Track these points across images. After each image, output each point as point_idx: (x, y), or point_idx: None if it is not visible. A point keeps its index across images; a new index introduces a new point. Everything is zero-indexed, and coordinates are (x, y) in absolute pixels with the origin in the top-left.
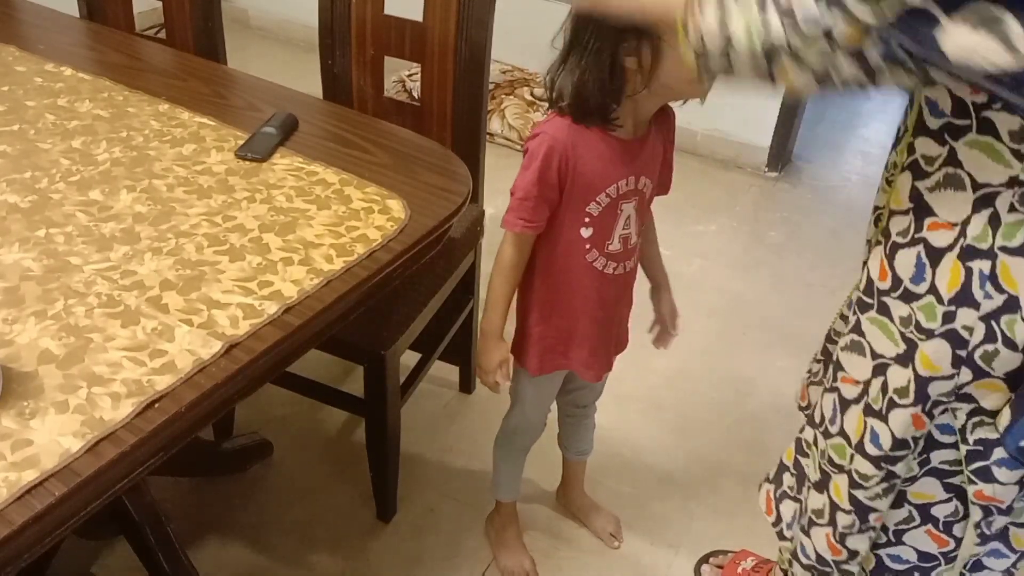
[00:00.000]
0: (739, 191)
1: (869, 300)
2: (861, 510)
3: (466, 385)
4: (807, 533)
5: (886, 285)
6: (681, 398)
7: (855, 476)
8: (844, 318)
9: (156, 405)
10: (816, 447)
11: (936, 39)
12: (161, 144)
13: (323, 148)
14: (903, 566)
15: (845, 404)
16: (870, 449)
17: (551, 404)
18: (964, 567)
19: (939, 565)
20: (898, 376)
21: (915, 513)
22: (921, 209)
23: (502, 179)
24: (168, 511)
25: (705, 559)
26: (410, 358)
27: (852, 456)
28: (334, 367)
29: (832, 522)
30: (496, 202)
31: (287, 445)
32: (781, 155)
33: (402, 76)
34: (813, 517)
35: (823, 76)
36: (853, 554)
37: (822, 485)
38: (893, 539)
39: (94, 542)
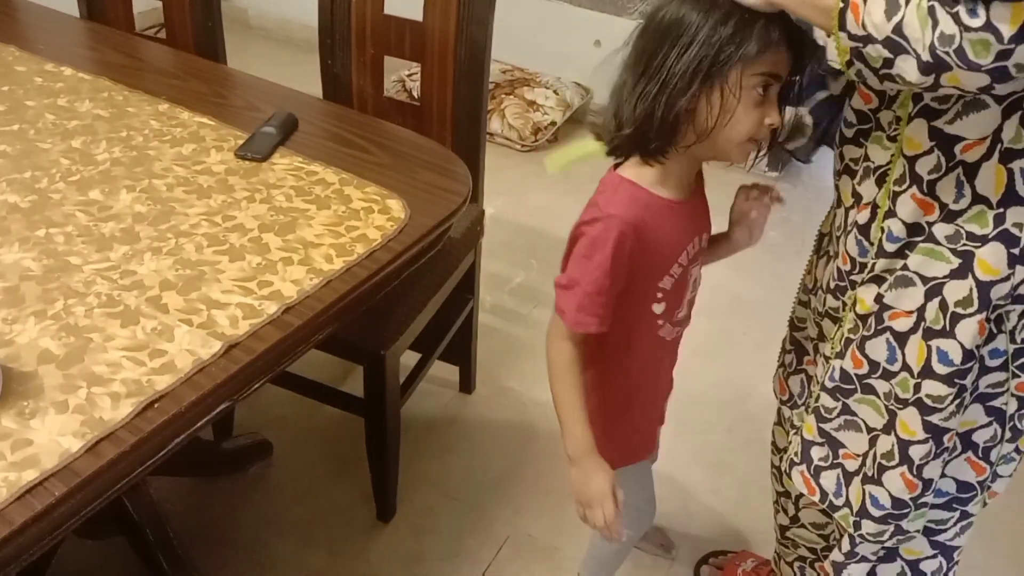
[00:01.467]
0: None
1: (907, 241)
2: (937, 434)
3: (466, 385)
4: (878, 481)
5: (931, 217)
6: (681, 398)
7: (928, 402)
8: (804, 304)
9: (156, 405)
10: (876, 393)
11: None
12: (161, 144)
13: (323, 148)
14: (943, 499)
15: (903, 338)
16: (940, 369)
17: (651, 488)
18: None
19: (976, 495)
20: (958, 289)
21: (958, 442)
22: (949, 140)
23: (502, 179)
24: (168, 511)
25: (705, 559)
26: (410, 358)
27: (917, 385)
28: (334, 367)
29: (905, 459)
30: (496, 202)
31: (287, 445)
32: (781, 155)
33: (402, 76)
34: (883, 462)
35: (998, 71)
36: (927, 484)
37: (889, 427)
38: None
39: (94, 542)
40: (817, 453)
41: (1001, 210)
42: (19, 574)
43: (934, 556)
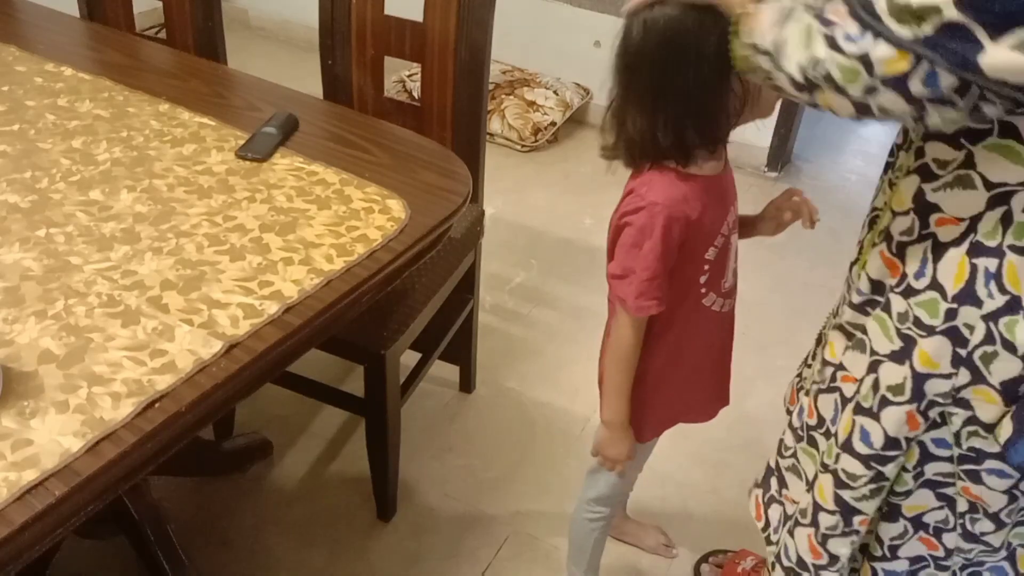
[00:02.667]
0: (739, 191)
1: (870, 298)
2: (846, 511)
3: (466, 385)
4: (791, 534)
5: (892, 281)
6: None
7: (842, 476)
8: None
9: (156, 405)
10: (818, 448)
11: (976, 59)
12: (161, 144)
13: (323, 148)
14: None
15: (845, 403)
16: (859, 448)
17: (637, 473)
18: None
19: (928, 566)
20: (892, 373)
21: (909, 526)
22: (927, 207)
23: (502, 179)
24: (168, 511)
25: (705, 559)
26: (410, 358)
27: (838, 455)
28: (334, 367)
29: (814, 522)
30: (496, 202)
31: (287, 445)
32: (781, 155)
33: (402, 76)
34: (799, 517)
35: (862, 105)
36: (833, 559)
37: (810, 485)
38: (888, 554)
39: (94, 542)
40: (773, 484)
41: (955, 305)
42: (19, 574)
43: None
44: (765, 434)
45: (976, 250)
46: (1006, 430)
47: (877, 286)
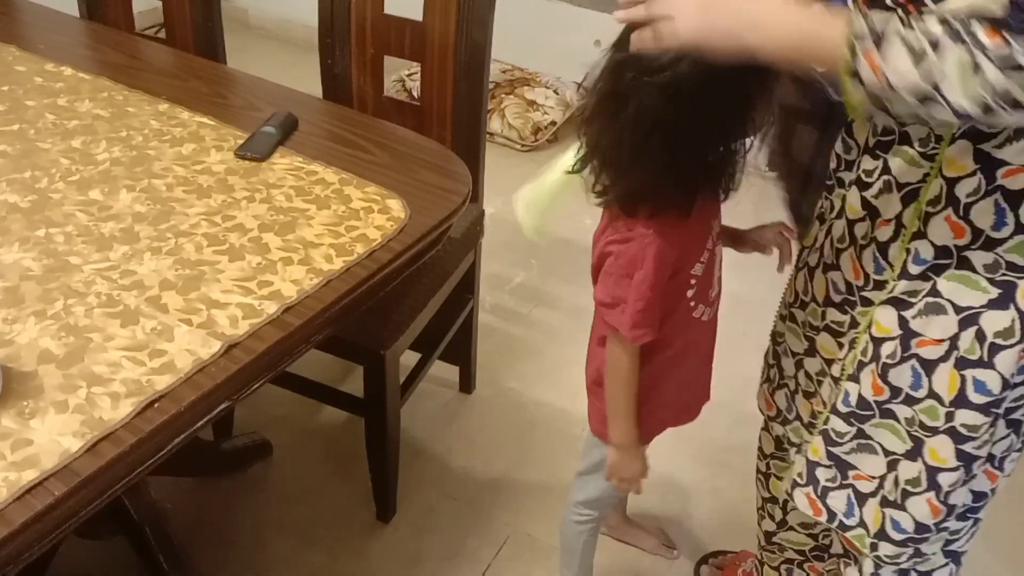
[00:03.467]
0: (739, 191)
1: (933, 264)
2: (968, 462)
3: (466, 385)
4: (901, 507)
5: (961, 241)
6: None
7: (962, 431)
8: (784, 318)
9: (156, 405)
10: (897, 418)
11: None
12: (161, 144)
13: (323, 148)
14: (959, 511)
15: (931, 365)
16: (976, 399)
17: None
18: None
19: (987, 501)
20: (997, 320)
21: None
22: (992, 163)
23: (502, 179)
24: (168, 511)
25: (705, 559)
26: (410, 358)
27: (950, 414)
28: (334, 367)
29: (934, 485)
30: (496, 202)
31: (287, 445)
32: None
33: (402, 76)
34: (908, 488)
35: None
36: (951, 509)
37: (915, 453)
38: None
39: (94, 542)
40: (824, 475)
41: None
42: (19, 574)
43: (945, 565)
44: None
45: None
46: None
47: (942, 251)
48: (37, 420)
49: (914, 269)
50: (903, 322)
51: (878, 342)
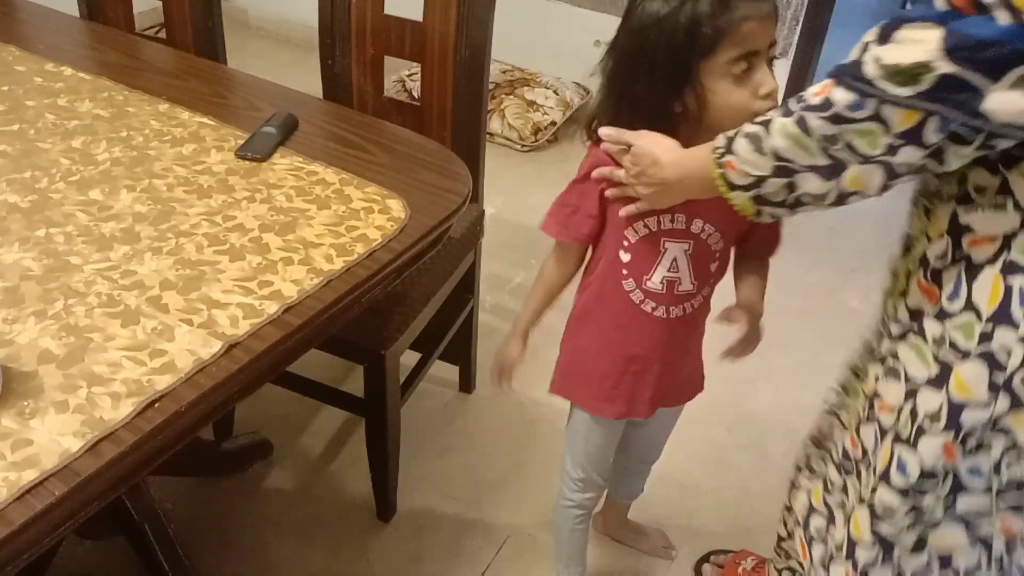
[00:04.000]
0: None
1: (909, 327)
2: (886, 546)
3: (466, 385)
4: (826, 568)
5: (929, 307)
6: None
7: (878, 509)
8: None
9: (156, 405)
10: (862, 481)
11: (979, 106)
12: (161, 144)
13: (323, 148)
14: None
15: (884, 434)
16: (896, 479)
17: (609, 460)
18: None
19: None
20: (929, 400)
21: (935, 563)
22: (960, 229)
23: (502, 179)
24: (168, 511)
25: (705, 558)
26: (410, 358)
27: (875, 488)
28: (334, 367)
29: (851, 556)
30: (496, 202)
31: (287, 445)
32: None
33: (402, 76)
34: (834, 552)
35: (888, 167)
36: None
37: (846, 520)
38: None
39: (94, 542)
40: (815, 522)
41: (990, 327)
42: (19, 574)
43: None
44: (765, 434)
45: (1010, 268)
46: None
47: (915, 315)
48: (37, 420)
49: (894, 329)
50: (875, 380)
51: (866, 397)
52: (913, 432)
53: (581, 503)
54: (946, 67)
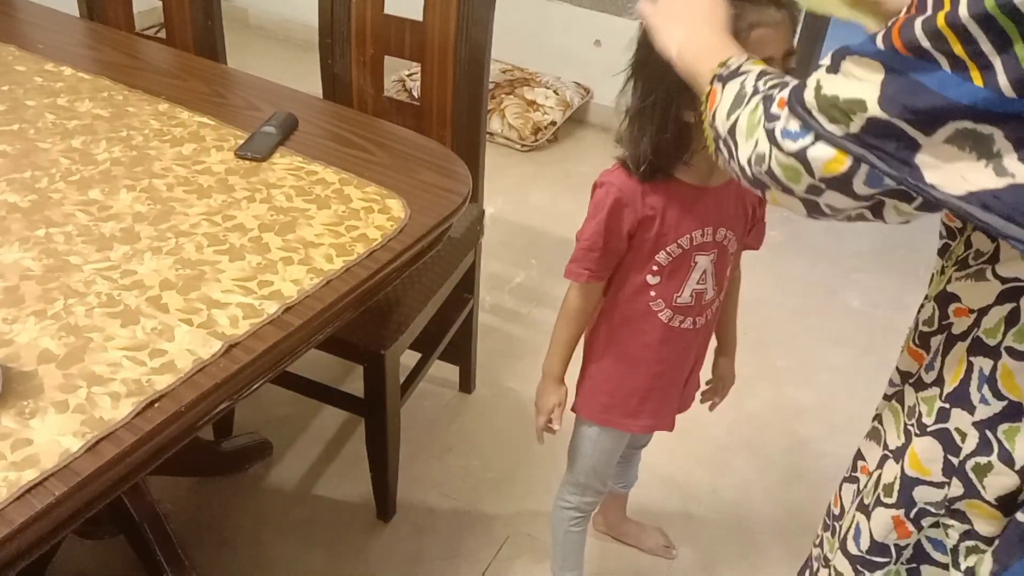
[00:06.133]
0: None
1: (895, 386)
2: None
3: (466, 385)
4: None
5: (912, 371)
6: None
7: (833, 574)
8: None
9: (156, 405)
10: (836, 538)
11: (915, 161)
12: (161, 144)
13: (323, 148)
14: None
15: (855, 496)
16: (850, 547)
17: (613, 467)
18: None
19: None
20: (889, 472)
21: None
22: (947, 297)
23: (502, 179)
24: (168, 511)
25: None
26: (410, 358)
27: (835, 554)
28: (334, 367)
29: None
30: (496, 202)
31: (287, 445)
32: None
33: (402, 76)
34: None
35: (811, 203)
36: None
37: None
38: None
39: (94, 542)
40: None
41: (947, 405)
42: (19, 574)
43: None
44: (765, 434)
45: (975, 347)
46: (986, 567)
47: (904, 377)
48: (37, 420)
49: (888, 391)
50: (866, 439)
51: (858, 454)
52: (872, 502)
53: (579, 506)
54: (878, 112)
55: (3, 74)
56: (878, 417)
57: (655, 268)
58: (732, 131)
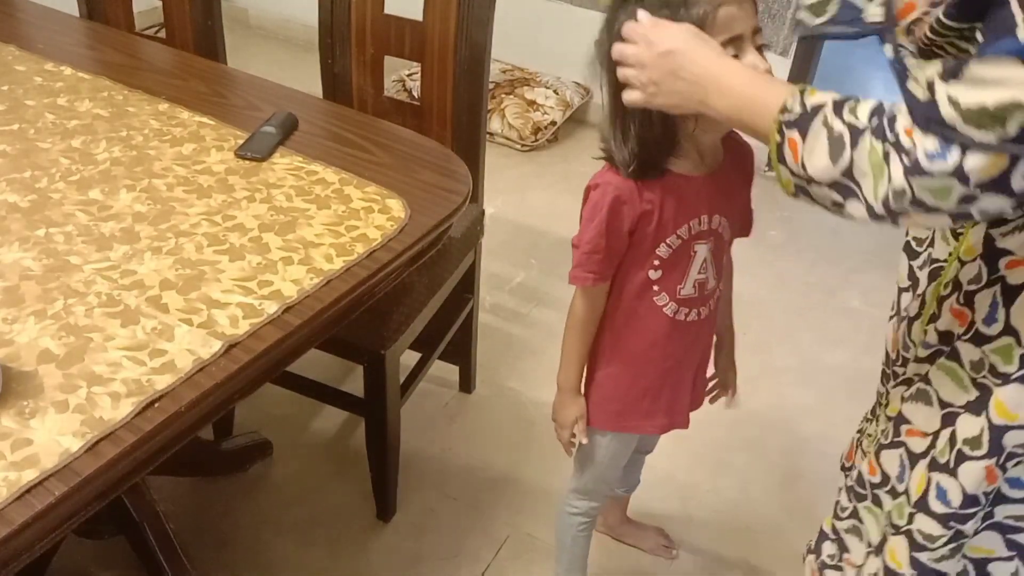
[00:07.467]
0: None
1: (937, 349)
2: (925, 573)
3: (466, 385)
4: None
5: (960, 330)
6: None
7: (918, 537)
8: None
9: (156, 405)
10: (882, 507)
11: None
12: (161, 143)
13: (323, 147)
14: None
15: (914, 459)
16: (935, 507)
17: (620, 471)
18: None
19: None
20: (969, 425)
21: (971, 568)
22: (996, 252)
23: (502, 179)
24: (168, 511)
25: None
26: (410, 358)
27: (912, 515)
28: (334, 367)
29: None
30: (496, 202)
31: (287, 445)
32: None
33: (402, 76)
34: None
35: (959, 215)
36: None
37: (880, 548)
38: None
39: (94, 542)
40: (827, 549)
41: None
42: (19, 573)
43: None
44: (765, 434)
45: None
46: None
47: (945, 337)
48: (37, 420)
49: (922, 353)
50: (901, 403)
51: (888, 421)
52: (953, 458)
53: (587, 511)
54: None
55: (3, 74)
56: (923, 378)
57: (656, 263)
58: (848, 175)
